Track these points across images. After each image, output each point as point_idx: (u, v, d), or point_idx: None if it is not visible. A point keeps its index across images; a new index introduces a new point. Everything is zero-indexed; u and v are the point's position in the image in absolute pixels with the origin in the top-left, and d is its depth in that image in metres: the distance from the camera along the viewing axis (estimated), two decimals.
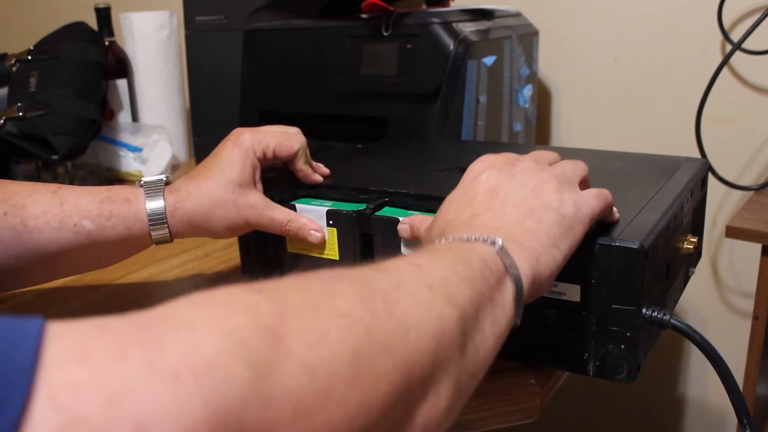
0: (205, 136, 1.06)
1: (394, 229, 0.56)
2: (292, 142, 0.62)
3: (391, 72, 0.86)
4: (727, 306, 1.13)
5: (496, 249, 0.39)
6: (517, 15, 1.02)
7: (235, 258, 0.74)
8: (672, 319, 0.48)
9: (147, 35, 1.12)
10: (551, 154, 0.51)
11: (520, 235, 0.41)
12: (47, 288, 0.71)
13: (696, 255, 0.66)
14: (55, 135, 0.92)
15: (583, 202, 0.45)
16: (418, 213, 0.56)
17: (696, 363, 1.18)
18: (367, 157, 0.76)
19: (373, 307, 0.31)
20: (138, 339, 0.24)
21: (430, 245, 0.42)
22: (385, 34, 0.86)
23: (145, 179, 0.59)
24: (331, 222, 0.59)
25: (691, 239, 0.60)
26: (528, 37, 1.01)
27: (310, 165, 0.65)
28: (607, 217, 0.49)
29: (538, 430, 1.09)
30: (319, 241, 0.60)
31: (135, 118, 1.15)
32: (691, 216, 0.63)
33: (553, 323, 0.50)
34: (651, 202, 0.55)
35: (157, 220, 0.57)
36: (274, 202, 0.61)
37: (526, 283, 0.39)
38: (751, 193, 1.01)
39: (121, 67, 1.12)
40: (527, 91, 1.00)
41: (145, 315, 0.26)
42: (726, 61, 0.97)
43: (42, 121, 0.93)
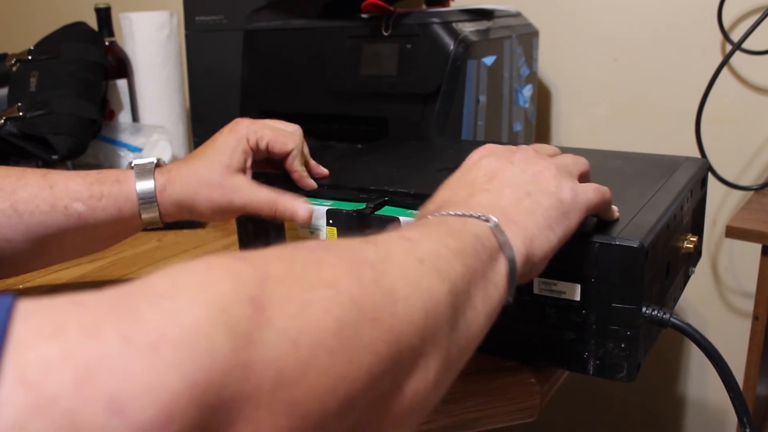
0: (205, 136, 1.06)
1: (394, 228, 0.55)
2: (287, 141, 0.62)
3: (391, 72, 0.86)
4: (727, 306, 1.13)
5: (491, 226, 0.39)
6: (517, 15, 1.02)
7: None
8: (672, 318, 0.48)
9: (147, 35, 1.12)
10: (552, 147, 0.52)
11: (515, 215, 0.41)
12: (48, 287, 0.71)
13: (696, 254, 0.66)
14: (55, 135, 0.92)
15: (581, 191, 0.45)
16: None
17: (696, 363, 1.18)
18: (367, 157, 0.76)
19: (359, 277, 0.31)
20: (113, 312, 0.23)
21: (423, 219, 0.42)
22: (385, 34, 0.86)
23: (135, 161, 0.59)
24: (331, 221, 0.59)
25: (691, 239, 0.60)
26: (528, 37, 1.01)
27: (308, 166, 0.65)
28: (606, 215, 0.49)
29: (538, 430, 1.09)
30: (307, 215, 0.58)
31: (135, 118, 1.15)
32: (690, 215, 0.63)
33: (553, 322, 0.50)
34: (651, 202, 0.55)
35: (147, 200, 0.57)
36: None
37: (519, 261, 0.39)
38: (751, 193, 1.01)
39: (121, 67, 1.12)
40: (527, 91, 1.00)
41: (123, 288, 0.25)
42: (726, 61, 0.97)
43: (42, 121, 0.93)
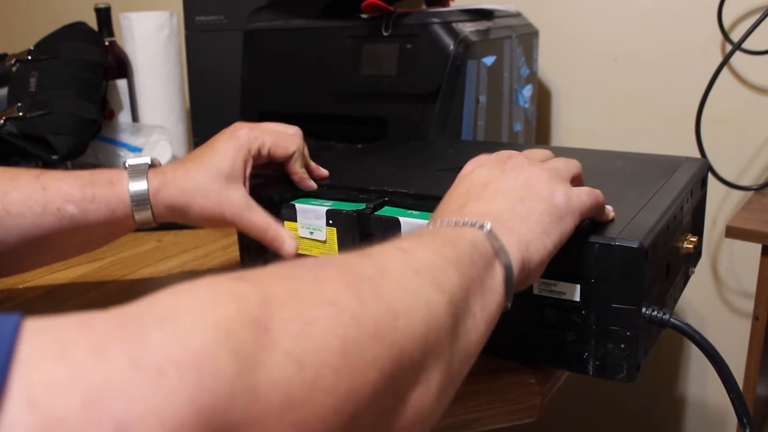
0: (205, 136, 1.06)
1: (394, 229, 0.56)
2: (288, 144, 0.62)
3: (391, 72, 0.86)
4: (727, 306, 1.13)
5: (485, 232, 0.39)
6: (517, 15, 1.02)
7: (235, 258, 0.74)
8: (672, 319, 0.48)
9: (147, 35, 1.12)
10: (544, 152, 0.52)
11: (509, 221, 0.41)
12: (48, 288, 0.71)
13: (696, 255, 0.66)
14: (55, 135, 0.92)
15: (574, 195, 0.45)
16: (419, 213, 0.56)
17: (696, 363, 1.18)
18: (367, 157, 0.76)
19: (360, 293, 0.31)
20: (120, 333, 0.23)
21: (418, 230, 0.42)
22: (385, 34, 0.86)
23: (129, 161, 0.59)
24: (331, 222, 0.59)
25: (691, 239, 0.60)
26: (528, 37, 1.01)
27: (308, 167, 0.65)
28: (599, 217, 0.49)
29: (538, 430, 1.09)
30: (291, 253, 0.58)
31: (135, 118, 1.15)
32: (690, 216, 0.63)
33: (553, 323, 0.50)
34: (651, 202, 0.55)
35: (140, 201, 0.57)
36: (274, 201, 0.61)
37: (516, 267, 0.39)
38: (751, 193, 1.01)
39: (121, 67, 1.12)
40: (527, 91, 1.00)
41: (128, 308, 0.25)
42: (726, 61, 0.97)
43: (42, 121, 0.92)
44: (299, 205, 0.61)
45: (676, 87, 1.08)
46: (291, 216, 0.62)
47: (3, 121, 0.92)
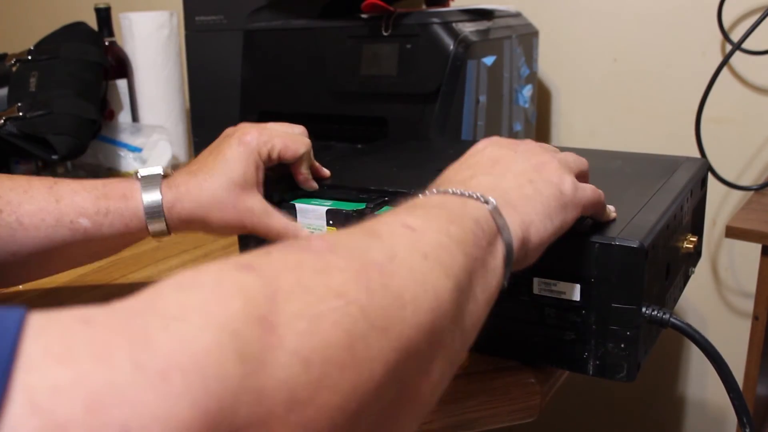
0: (205, 136, 1.06)
1: None
2: (298, 146, 0.61)
3: (391, 72, 0.86)
4: (727, 306, 1.13)
5: (489, 208, 0.39)
6: (517, 15, 1.02)
7: None
8: (672, 318, 0.48)
9: (147, 35, 1.12)
10: (552, 147, 0.52)
11: (514, 199, 0.41)
12: (47, 288, 0.71)
13: (696, 254, 0.66)
14: (55, 135, 0.92)
15: (580, 187, 0.45)
16: None
17: (696, 363, 1.18)
18: (367, 157, 0.76)
19: (368, 283, 0.30)
20: (123, 334, 0.22)
21: (423, 198, 0.41)
22: (385, 34, 0.86)
23: (142, 172, 0.58)
24: (331, 222, 0.59)
25: (691, 239, 0.60)
26: (528, 37, 1.01)
27: (312, 167, 0.65)
28: (600, 217, 0.49)
29: (538, 430, 1.09)
30: None
31: (135, 118, 1.15)
32: (690, 215, 0.63)
33: (553, 322, 0.50)
34: (651, 202, 0.55)
35: (154, 213, 0.57)
36: (274, 201, 0.61)
37: (516, 245, 0.39)
38: (751, 193, 1.01)
39: (121, 67, 1.12)
40: (527, 91, 1.00)
41: (131, 303, 0.24)
42: (726, 61, 0.97)
43: (42, 121, 0.93)
44: (299, 205, 0.61)
45: (676, 87, 1.08)
46: (291, 216, 0.62)
47: (3, 121, 0.92)
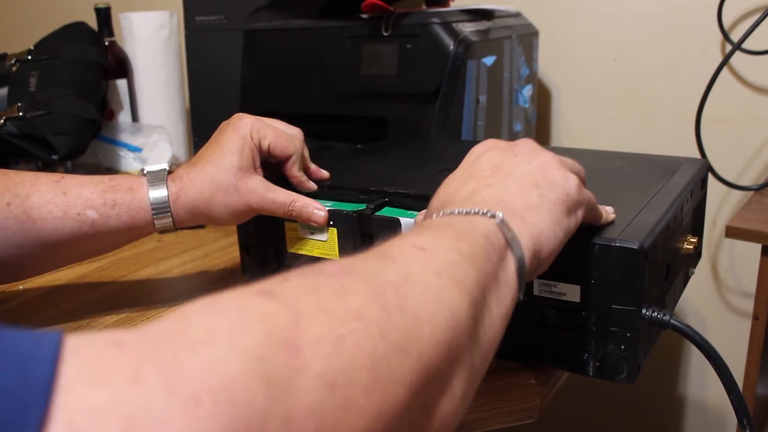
0: (205, 136, 1.06)
1: (394, 229, 0.55)
2: (288, 144, 0.62)
3: (391, 72, 0.86)
4: (727, 306, 1.13)
5: (497, 222, 0.39)
6: (517, 15, 1.02)
7: (235, 258, 0.74)
8: (672, 320, 0.48)
9: (147, 35, 1.12)
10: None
11: (521, 210, 0.41)
12: (48, 288, 0.71)
13: (696, 255, 0.66)
14: (55, 135, 0.92)
15: (583, 188, 0.45)
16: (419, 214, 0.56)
17: (696, 363, 1.18)
18: (367, 157, 0.76)
19: (385, 304, 0.30)
20: (155, 357, 0.23)
21: (429, 221, 0.41)
22: (385, 34, 0.86)
23: (148, 168, 0.59)
24: (331, 222, 0.59)
25: (691, 239, 0.60)
26: (528, 37, 1.01)
27: (308, 169, 0.65)
28: (596, 222, 0.49)
29: (538, 430, 1.09)
30: (323, 220, 0.59)
31: (135, 118, 1.15)
32: (690, 216, 0.63)
33: (553, 323, 0.50)
34: (651, 203, 0.55)
35: (161, 208, 0.57)
36: None
37: (527, 257, 0.39)
38: (751, 193, 1.01)
39: (121, 67, 1.12)
40: (527, 91, 1.00)
41: (159, 328, 0.25)
42: (726, 61, 0.97)
43: (42, 121, 0.92)
44: None
45: (676, 87, 1.08)
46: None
47: (3, 121, 0.92)
